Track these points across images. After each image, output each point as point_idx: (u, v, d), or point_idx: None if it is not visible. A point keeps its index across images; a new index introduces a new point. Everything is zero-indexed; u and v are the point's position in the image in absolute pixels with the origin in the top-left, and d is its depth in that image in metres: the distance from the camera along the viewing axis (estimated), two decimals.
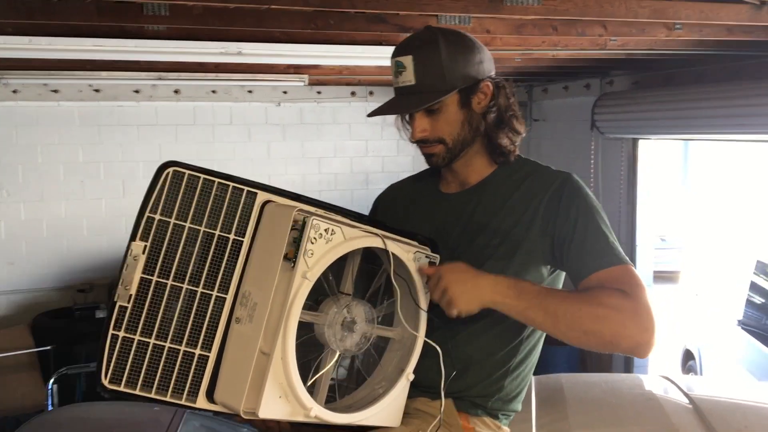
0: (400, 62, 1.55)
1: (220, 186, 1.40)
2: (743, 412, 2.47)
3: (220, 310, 1.40)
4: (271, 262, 1.36)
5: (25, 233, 5.28)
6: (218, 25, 2.67)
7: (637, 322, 1.38)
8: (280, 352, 1.33)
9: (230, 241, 1.40)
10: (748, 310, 5.13)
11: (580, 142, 5.23)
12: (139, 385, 1.37)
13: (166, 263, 1.38)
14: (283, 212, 1.38)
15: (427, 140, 1.58)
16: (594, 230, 1.51)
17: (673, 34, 3.03)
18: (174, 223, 1.38)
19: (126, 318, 1.37)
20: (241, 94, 5.64)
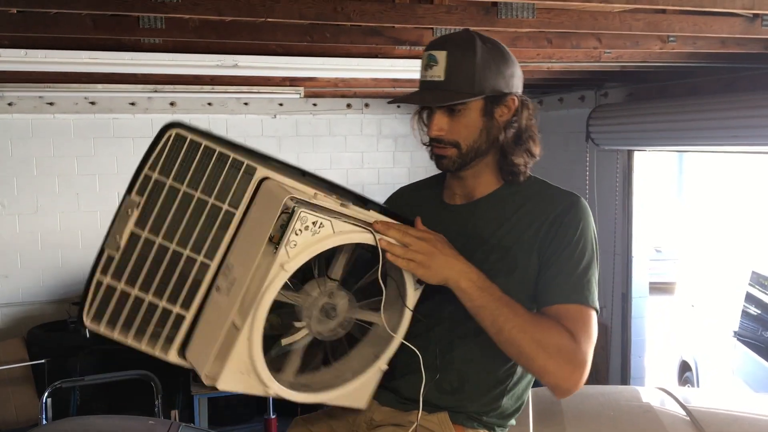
0: (433, 56, 1.51)
1: (220, 155, 1.39)
2: (740, 424, 2.46)
3: (203, 275, 1.41)
4: (256, 242, 1.35)
5: (20, 246, 5.26)
6: (214, 38, 2.68)
7: (567, 368, 1.42)
8: (247, 332, 1.34)
9: (222, 211, 1.40)
10: (744, 321, 5.13)
11: (575, 154, 5.24)
12: (117, 329, 1.42)
13: (157, 221, 1.40)
14: (276, 195, 1.35)
15: (442, 140, 1.54)
16: (575, 263, 1.50)
17: (667, 46, 3.05)
18: (170, 185, 1.40)
19: (112, 267, 1.40)
20: (237, 107, 5.65)
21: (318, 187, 1.48)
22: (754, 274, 5.17)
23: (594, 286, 1.51)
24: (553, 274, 1.50)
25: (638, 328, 5.18)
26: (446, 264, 1.44)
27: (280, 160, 1.47)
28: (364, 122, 6.13)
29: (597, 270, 1.53)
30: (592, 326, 1.47)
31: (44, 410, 3.76)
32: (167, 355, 1.44)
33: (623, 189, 5.07)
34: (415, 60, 3.33)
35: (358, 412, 1.63)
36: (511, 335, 1.42)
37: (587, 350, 1.44)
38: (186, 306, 1.43)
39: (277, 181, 1.41)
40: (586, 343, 1.44)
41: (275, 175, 1.42)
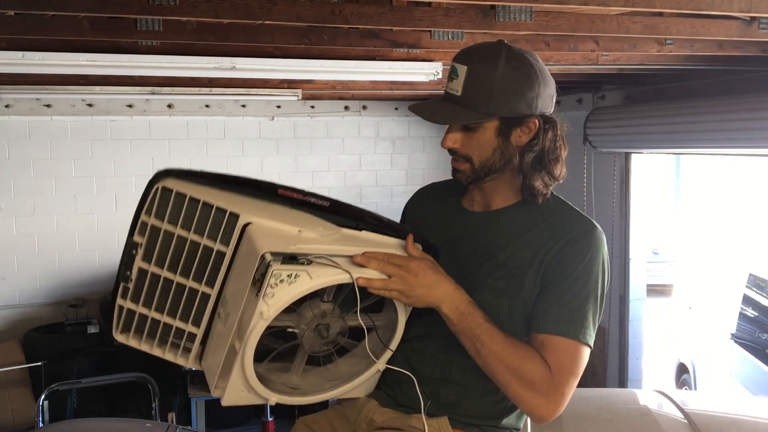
0: (455, 68, 1.49)
1: (204, 204, 1.47)
2: (738, 427, 2.46)
3: (206, 301, 1.53)
4: (243, 284, 1.43)
5: (17, 248, 5.25)
6: (212, 40, 2.67)
7: (539, 400, 1.43)
8: (239, 362, 1.45)
9: (214, 250, 1.49)
10: (741, 323, 5.14)
11: (572, 157, 5.23)
12: (143, 341, 1.60)
13: (160, 257, 1.52)
14: (254, 246, 1.41)
15: (456, 153, 1.54)
16: (574, 294, 1.46)
17: (665, 49, 3.05)
18: (165, 228, 1.50)
19: (129, 294, 1.57)
20: (235, 109, 5.65)
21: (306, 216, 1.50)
22: (752, 276, 5.18)
23: (590, 321, 1.47)
24: (550, 301, 1.47)
25: (636, 330, 5.19)
26: (428, 292, 1.45)
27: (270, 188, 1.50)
28: (362, 124, 6.13)
29: (599, 305, 1.49)
30: (577, 361, 1.45)
31: (41, 413, 3.75)
32: (187, 362, 1.60)
33: (621, 191, 5.08)
34: (413, 63, 3.34)
35: (359, 412, 1.64)
36: (486, 362, 1.44)
37: (564, 385, 1.43)
38: (196, 324, 1.55)
39: (260, 226, 1.45)
40: (566, 377, 1.43)
41: (258, 219, 1.46)
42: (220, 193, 1.48)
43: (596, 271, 1.48)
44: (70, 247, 5.37)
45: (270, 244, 1.39)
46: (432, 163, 6.18)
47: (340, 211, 1.52)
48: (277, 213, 1.49)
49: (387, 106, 6.10)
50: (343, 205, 1.53)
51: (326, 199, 1.52)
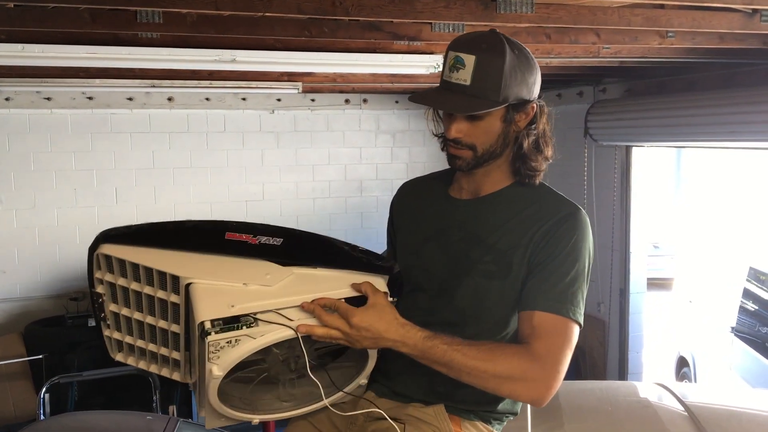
0: (460, 58, 1.48)
1: (145, 268, 1.48)
2: (739, 420, 2.47)
3: (178, 337, 1.55)
4: (196, 336, 1.43)
5: (18, 241, 5.25)
6: (212, 32, 2.66)
7: (534, 387, 1.44)
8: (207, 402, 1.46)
9: (168, 301, 1.50)
10: (741, 317, 5.14)
11: (573, 150, 5.24)
12: (139, 360, 1.66)
13: (125, 301, 1.57)
14: (195, 311, 1.40)
15: (460, 142, 1.55)
16: (563, 274, 1.50)
17: (666, 41, 3.04)
18: (119, 283, 1.53)
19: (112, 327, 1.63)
20: (235, 102, 5.64)
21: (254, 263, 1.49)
22: (752, 270, 5.18)
23: (579, 299, 1.50)
24: (539, 280, 1.50)
25: (636, 323, 5.19)
26: (375, 343, 1.45)
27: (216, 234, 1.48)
28: (363, 118, 6.12)
29: (586, 285, 1.53)
30: (566, 338, 1.47)
31: (42, 406, 3.76)
32: (180, 378, 1.64)
33: (621, 185, 5.07)
34: (414, 55, 3.33)
35: (355, 406, 1.65)
36: (471, 379, 1.44)
37: (556, 362, 1.44)
38: (177, 350, 1.58)
39: (201, 286, 1.43)
40: (557, 354, 1.45)
41: (199, 279, 1.44)
42: (160, 253, 1.48)
43: (582, 253, 1.52)
44: (70, 240, 5.36)
45: (209, 309, 1.37)
46: (432, 156, 6.17)
47: (293, 248, 1.50)
48: (222, 266, 1.47)
49: (387, 99, 6.09)
50: (298, 239, 1.51)
51: (280, 233, 1.49)
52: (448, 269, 1.59)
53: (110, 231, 1.51)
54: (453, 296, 1.58)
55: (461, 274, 1.57)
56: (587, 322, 4.67)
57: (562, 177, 5.12)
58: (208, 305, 1.38)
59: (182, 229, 1.50)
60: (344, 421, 1.66)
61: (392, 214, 1.84)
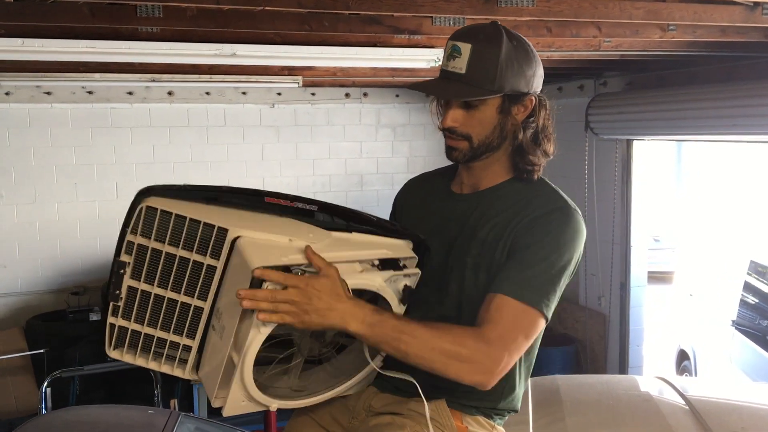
0: (457, 47, 1.50)
1: (191, 221, 1.45)
2: (740, 413, 2.47)
3: (199, 314, 1.51)
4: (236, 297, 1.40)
5: (18, 236, 5.25)
6: (212, 26, 2.66)
7: (477, 370, 1.42)
8: (239, 374, 1.43)
9: (205, 264, 1.46)
10: (742, 310, 5.14)
11: (574, 144, 5.24)
12: (137, 356, 1.59)
13: (149, 274, 1.50)
14: (245, 261, 1.38)
15: (455, 132, 1.55)
16: (536, 263, 1.48)
17: (667, 35, 3.03)
18: (152, 247, 1.48)
19: (120, 312, 1.54)
20: (235, 96, 5.63)
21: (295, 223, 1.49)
22: (752, 263, 5.18)
23: (548, 290, 1.48)
24: (510, 266, 1.49)
25: (636, 317, 5.19)
26: (322, 316, 1.39)
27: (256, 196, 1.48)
28: (363, 112, 6.11)
29: (562, 280, 1.50)
30: (523, 326, 1.46)
31: (44, 400, 3.76)
32: (183, 374, 1.58)
33: (622, 178, 5.07)
34: (414, 49, 3.33)
35: (358, 399, 1.66)
36: (419, 356, 1.42)
37: (502, 349, 1.42)
38: (191, 336, 1.54)
39: (250, 239, 1.42)
40: (505, 341, 1.43)
41: (247, 232, 1.44)
42: (205, 207, 1.46)
43: (563, 247, 1.50)
44: (71, 234, 5.37)
45: (261, 258, 1.36)
46: (433, 150, 6.16)
47: (327, 214, 1.51)
48: (266, 223, 1.47)
49: (388, 93, 6.08)
50: (331, 207, 1.52)
51: (313, 202, 1.51)
52: (445, 263, 1.59)
53: (155, 186, 1.47)
54: (448, 291, 1.58)
55: (455, 268, 1.58)
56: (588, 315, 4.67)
57: (563, 171, 5.11)
58: (260, 255, 1.37)
59: (224, 190, 1.49)
60: (346, 416, 1.67)
61: (395, 209, 1.85)
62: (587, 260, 5.31)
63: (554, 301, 1.50)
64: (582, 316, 5.46)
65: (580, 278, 5.42)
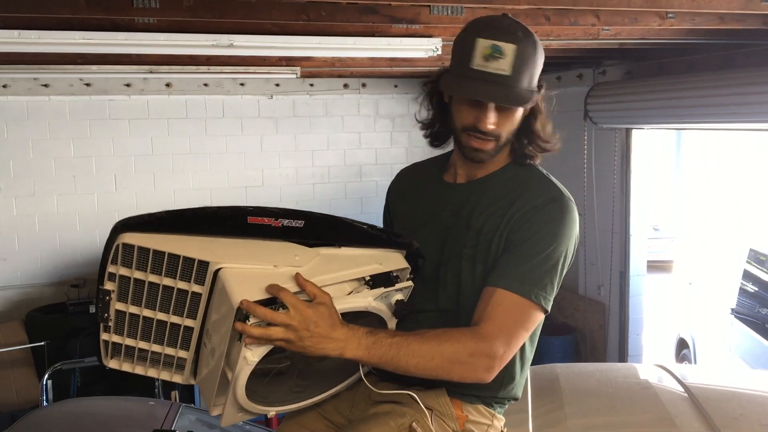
0: (498, 47, 1.43)
1: (171, 256, 1.42)
2: (738, 400, 2.48)
3: (190, 332, 1.50)
4: (224, 324, 1.39)
5: (18, 229, 5.25)
6: (209, 17, 2.65)
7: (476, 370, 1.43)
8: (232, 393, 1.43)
9: (189, 292, 1.44)
10: (741, 298, 5.15)
11: (573, 133, 5.23)
12: (135, 366, 1.58)
13: (135, 299, 1.48)
14: (228, 295, 1.36)
15: (489, 133, 1.51)
16: (534, 255, 1.47)
17: (666, 23, 3.02)
18: (135, 277, 1.45)
19: (112, 329, 1.53)
20: (233, 87, 5.62)
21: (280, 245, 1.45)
22: (752, 251, 5.18)
23: (546, 283, 1.48)
24: (507, 259, 1.49)
25: (636, 306, 5.20)
26: (321, 341, 1.38)
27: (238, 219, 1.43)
28: (361, 102, 6.10)
29: (559, 271, 1.50)
30: (522, 319, 1.46)
31: (45, 392, 3.77)
32: (182, 380, 1.58)
33: (621, 167, 5.07)
34: (412, 39, 3.31)
35: (358, 388, 1.66)
36: (420, 369, 1.42)
37: (502, 344, 1.43)
38: (185, 348, 1.52)
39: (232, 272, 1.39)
40: (504, 336, 1.44)
41: (229, 263, 1.40)
42: (183, 238, 1.42)
43: (559, 238, 1.49)
44: (70, 227, 5.36)
45: (244, 292, 1.34)
46: None
47: (315, 229, 1.48)
48: (249, 249, 1.44)
49: (386, 83, 6.07)
50: (319, 219, 1.49)
51: (300, 216, 1.46)
52: (440, 255, 1.59)
53: (129, 220, 1.42)
54: (445, 282, 1.58)
55: (450, 260, 1.57)
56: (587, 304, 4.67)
57: (562, 160, 5.09)
58: (243, 288, 1.35)
59: (203, 215, 1.44)
60: (347, 405, 1.67)
61: (389, 201, 1.84)
62: (586, 249, 5.32)
63: (553, 293, 1.51)
64: (581, 306, 5.47)
65: (579, 267, 5.42)
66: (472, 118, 1.51)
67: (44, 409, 3.46)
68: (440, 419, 1.56)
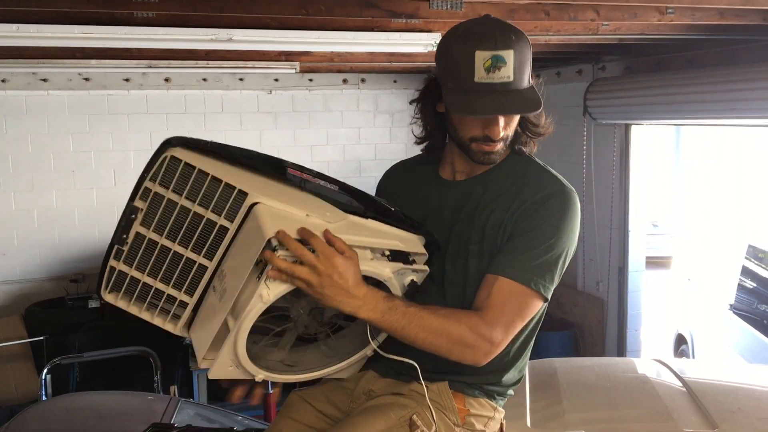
0: (501, 57, 1.42)
1: (213, 179, 1.44)
2: (735, 395, 2.48)
3: (202, 272, 1.51)
4: (245, 262, 1.40)
5: (16, 223, 5.25)
6: (208, 11, 2.65)
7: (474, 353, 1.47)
8: (233, 339, 1.43)
9: (218, 225, 1.46)
10: (740, 294, 5.15)
11: (572, 128, 5.22)
12: (131, 304, 1.57)
13: (160, 224, 1.49)
14: (261, 227, 1.38)
15: (497, 139, 1.52)
16: (536, 245, 1.49)
17: (665, 18, 3.02)
18: (169, 197, 1.46)
19: (122, 256, 1.53)
20: (233, 82, 5.61)
21: (314, 199, 1.48)
22: (751, 247, 5.18)
23: (546, 272, 1.49)
24: (509, 248, 1.51)
25: (634, 301, 5.21)
26: (337, 294, 1.39)
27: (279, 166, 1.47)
28: (361, 98, 6.10)
29: (561, 262, 1.52)
30: (521, 307, 1.49)
31: (44, 387, 3.78)
32: (175, 329, 1.58)
33: (620, 163, 5.07)
34: (411, 33, 3.31)
35: (357, 383, 1.65)
36: (425, 342, 1.45)
37: (501, 331, 1.46)
38: (189, 293, 1.53)
39: (267, 207, 1.42)
40: (503, 323, 1.47)
41: (266, 200, 1.43)
42: (228, 167, 1.45)
43: (561, 230, 1.51)
44: (69, 222, 5.37)
45: (277, 227, 1.36)
46: None
47: (347, 196, 1.50)
48: (285, 194, 1.46)
49: (386, 78, 6.06)
50: (351, 189, 1.51)
51: (335, 182, 1.50)
52: (444, 252, 1.59)
53: (183, 137, 1.45)
54: (452, 280, 1.58)
55: (456, 257, 1.57)
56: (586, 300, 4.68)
57: (561, 155, 5.11)
58: (276, 224, 1.37)
59: (250, 153, 1.48)
60: (344, 399, 1.67)
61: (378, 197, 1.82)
62: (585, 245, 5.32)
63: (553, 283, 1.52)
64: (580, 301, 5.48)
65: (578, 263, 5.42)
66: (480, 128, 1.51)
67: (43, 403, 3.46)
68: (441, 412, 1.57)
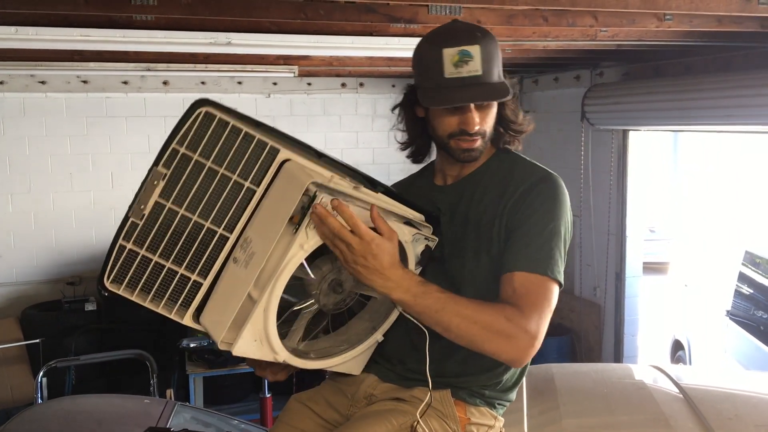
0: (467, 51, 1.49)
1: (246, 135, 1.45)
2: (733, 401, 2.48)
3: (221, 246, 1.48)
4: (277, 220, 1.41)
5: (13, 226, 5.24)
6: (207, 14, 2.65)
7: (513, 345, 1.44)
8: (264, 304, 1.42)
9: (244, 188, 1.46)
10: (737, 300, 5.15)
11: (570, 134, 5.23)
12: (136, 293, 1.49)
13: (181, 193, 1.46)
14: (298, 177, 1.41)
15: (475, 132, 1.56)
16: (540, 232, 1.51)
17: (664, 24, 3.03)
18: (196, 160, 1.45)
19: (135, 233, 1.46)
20: (231, 86, 5.62)
21: (333, 169, 1.51)
22: (748, 253, 5.19)
23: (556, 257, 1.52)
24: (516, 242, 1.52)
25: (632, 307, 5.21)
26: (375, 273, 1.42)
27: (299, 141, 1.50)
28: (359, 102, 6.10)
29: (563, 245, 1.55)
30: (547, 297, 1.49)
31: (40, 389, 3.77)
32: (182, 319, 1.52)
33: (618, 169, 5.07)
34: (410, 38, 3.31)
35: (358, 388, 1.65)
36: (460, 329, 1.44)
37: (537, 322, 1.46)
38: (203, 274, 1.50)
39: (298, 163, 1.46)
40: (537, 312, 1.47)
41: (296, 157, 1.47)
42: (258, 129, 1.46)
43: (557, 213, 1.54)
44: (66, 224, 5.36)
45: (313, 177, 1.39)
46: None
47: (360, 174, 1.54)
48: (309, 157, 1.49)
49: (384, 83, 6.07)
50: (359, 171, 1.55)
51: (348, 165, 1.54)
52: (442, 254, 1.60)
53: (211, 99, 1.45)
54: (452, 279, 1.58)
55: (454, 257, 1.59)
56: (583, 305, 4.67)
57: (559, 161, 5.12)
58: (311, 176, 1.39)
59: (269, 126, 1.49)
60: (344, 403, 1.67)
61: None
62: (582, 250, 5.33)
63: (563, 267, 1.54)
64: (577, 307, 5.48)
65: (575, 268, 5.43)
66: (456, 123, 1.55)
67: (39, 406, 3.45)
68: (442, 420, 1.56)
